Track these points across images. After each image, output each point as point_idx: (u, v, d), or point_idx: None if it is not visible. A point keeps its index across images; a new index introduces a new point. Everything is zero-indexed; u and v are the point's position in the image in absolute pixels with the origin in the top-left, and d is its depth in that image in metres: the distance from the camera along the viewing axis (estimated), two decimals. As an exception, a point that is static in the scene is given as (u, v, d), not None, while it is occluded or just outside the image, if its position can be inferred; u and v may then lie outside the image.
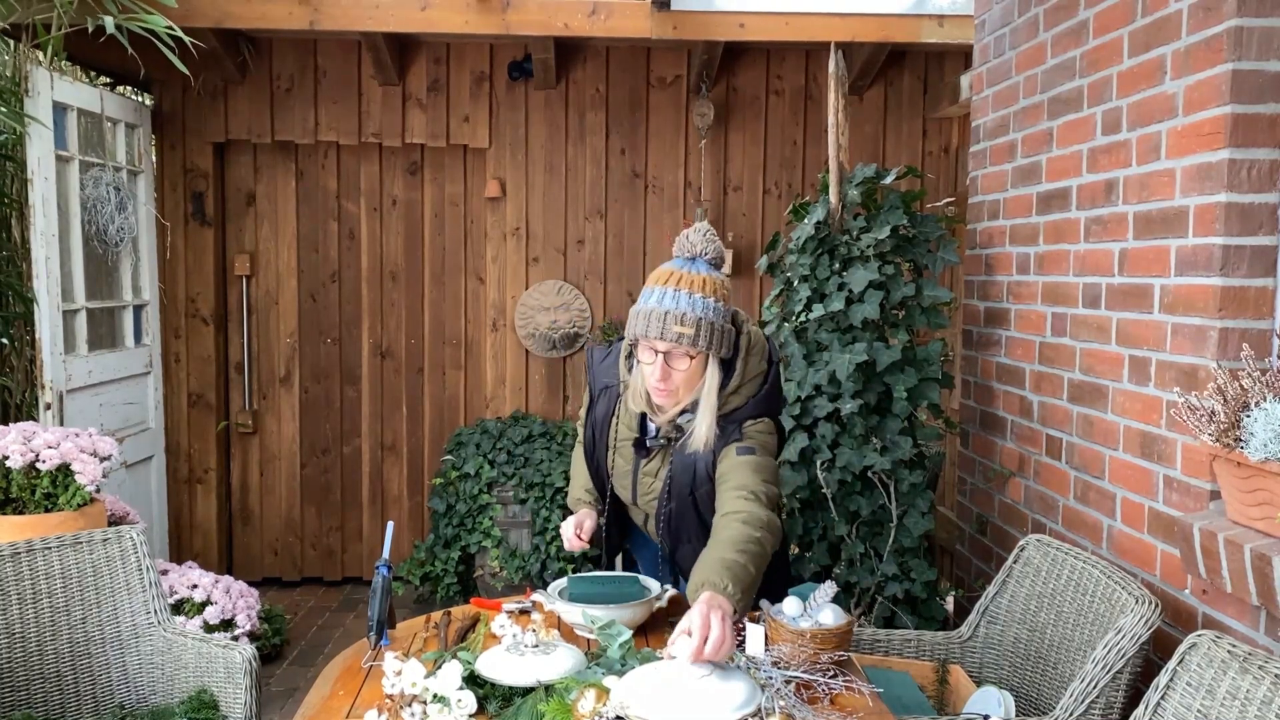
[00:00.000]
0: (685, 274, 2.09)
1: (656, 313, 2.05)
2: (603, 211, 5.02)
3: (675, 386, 2.11)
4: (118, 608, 2.49)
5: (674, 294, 2.06)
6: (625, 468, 2.33)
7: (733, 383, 2.15)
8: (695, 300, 2.05)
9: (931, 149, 5.03)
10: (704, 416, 2.12)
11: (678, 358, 2.07)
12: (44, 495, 3.11)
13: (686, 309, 2.04)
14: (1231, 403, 1.93)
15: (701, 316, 2.04)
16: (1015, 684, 2.47)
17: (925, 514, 3.06)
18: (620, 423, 2.30)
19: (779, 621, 1.91)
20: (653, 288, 2.10)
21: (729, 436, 2.14)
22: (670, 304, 2.05)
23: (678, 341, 2.04)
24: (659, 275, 2.12)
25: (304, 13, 4.14)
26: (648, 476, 2.30)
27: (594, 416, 2.36)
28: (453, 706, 1.69)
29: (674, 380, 2.09)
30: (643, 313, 2.08)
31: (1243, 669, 1.65)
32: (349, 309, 5.15)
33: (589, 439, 2.38)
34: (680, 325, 2.03)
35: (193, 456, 5.01)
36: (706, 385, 2.11)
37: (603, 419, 2.32)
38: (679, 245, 2.15)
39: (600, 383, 2.34)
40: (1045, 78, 2.87)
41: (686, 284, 2.07)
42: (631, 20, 4.19)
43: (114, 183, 4.25)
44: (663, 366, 2.08)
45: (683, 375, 2.09)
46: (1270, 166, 2.06)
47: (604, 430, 2.33)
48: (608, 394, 2.31)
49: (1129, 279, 2.43)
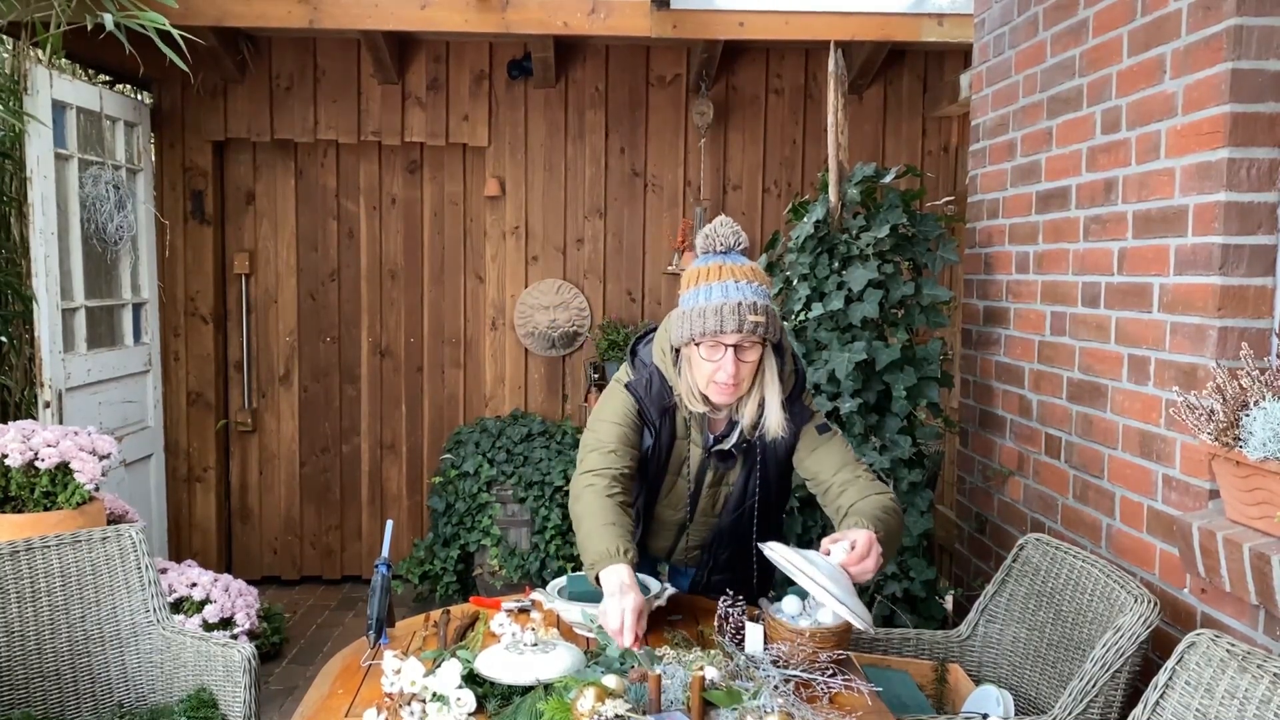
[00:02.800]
0: (733, 266, 2.04)
1: (727, 305, 1.98)
2: (602, 210, 5.02)
3: (743, 378, 2.06)
4: (117, 606, 2.49)
5: (736, 285, 2.00)
6: (686, 487, 2.26)
7: (787, 365, 2.17)
8: (756, 289, 2.02)
9: (931, 148, 5.03)
10: (773, 403, 2.10)
11: (747, 349, 2.03)
12: (43, 494, 3.10)
13: (755, 297, 2.00)
14: (1230, 402, 1.93)
15: (768, 304, 2.03)
16: (1014, 683, 2.47)
17: (924, 513, 3.06)
18: (688, 441, 2.22)
19: (778, 620, 1.91)
20: (703, 285, 2.03)
21: (797, 416, 2.17)
22: (737, 295, 1.99)
23: (754, 331, 1.99)
24: (705, 272, 2.04)
25: (303, 11, 4.14)
26: (712, 488, 2.26)
27: (660, 447, 2.20)
28: (452, 705, 1.69)
29: (742, 372, 2.04)
30: (708, 310, 2.00)
31: (1241, 668, 1.65)
32: (348, 308, 5.15)
33: (653, 473, 2.22)
34: (754, 314, 1.98)
35: (192, 455, 5.01)
36: (769, 373, 2.09)
37: (668, 441, 2.20)
38: (707, 241, 2.09)
39: (658, 407, 2.17)
40: (1045, 77, 2.87)
41: (743, 275, 2.02)
42: (631, 19, 4.18)
43: (113, 181, 4.24)
44: (734, 360, 2.02)
45: (749, 367, 2.05)
46: (1269, 166, 2.06)
47: (667, 455, 2.22)
48: (669, 415, 2.18)
49: (1128, 278, 2.43)
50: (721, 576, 2.37)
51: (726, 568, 2.37)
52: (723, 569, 2.37)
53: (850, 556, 1.86)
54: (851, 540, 1.88)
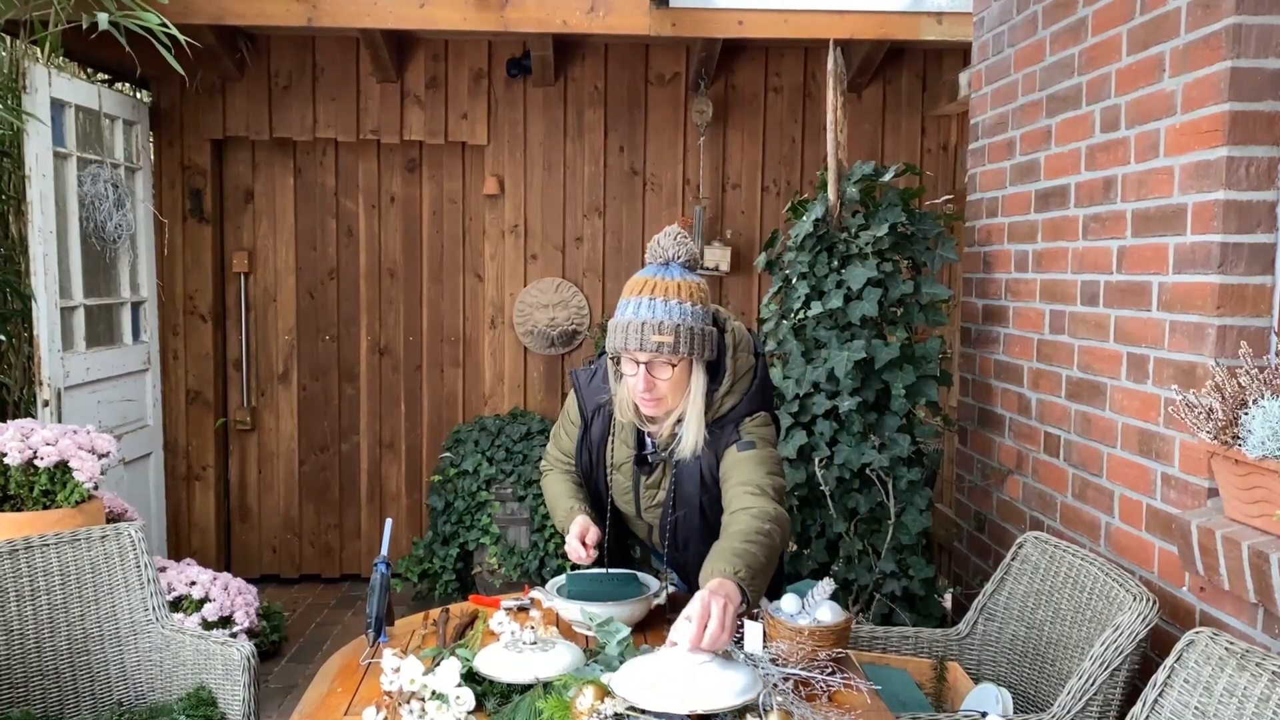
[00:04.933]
0: (660, 281, 2.06)
1: (634, 324, 2.02)
2: (601, 209, 5.02)
3: (661, 395, 2.08)
4: (116, 605, 2.49)
5: (649, 303, 2.03)
6: (626, 484, 2.31)
7: (724, 384, 2.13)
8: (672, 307, 2.03)
9: (930, 146, 5.03)
10: (691, 423, 2.10)
11: (660, 367, 2.05)
12: (42, 492, 3.10)
13: (664, 317, 2.01)
14: (1229, 400, 1.93)
15: (680, 323, 2.02)
16: (1013, 681, 2.47)
17: (923, 511, 3.06)
18: (617, 440, 2.27)
19: (777, 619, 1.91)
20: (628, 299, 2.07)
21: (728, 438, 2.13)
22: (647, 314, 2.02)
23: (658, 351, 2.01)
24: (633, 285, 2.09)
25: (302, 10, 4.14)
26: (650, 489, 2.28)
27: (590, 440, 2.31)
28: (451, 703, 1.69)
29: (659, 389, 2.07)
30: (620, 325, 2.05)
31: (1240, 666, 1.66)
32: (347, 306, 5.14)
33: (586, 463, 2.32)
34: (659, 334, 2.00)
35: (191, 454, 5.01)
36: (693, 392, 2.09)
37: (599, 440, 2.29)
38: (651, 252, 2.13)
39: (592, 404, 2.28)
40: (1044, 75, 2.87)
41: (661, 291, 2.04)
42: (630, 17, 4.18)
43: (112, 180, 4.24)
44: (646, 377, 2.05)
45: (667, 384, 2.07)
46: (1268, 164, 2.06)
47: (601, 451, 2.30)
48: (601, 414, 2.28)
49: (1127, 276, 2.43)
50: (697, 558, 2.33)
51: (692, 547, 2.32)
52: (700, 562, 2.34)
53: (693, 635, 1.61)
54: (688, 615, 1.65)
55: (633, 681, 1.58)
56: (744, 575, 1.75)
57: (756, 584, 1.78)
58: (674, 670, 1.59)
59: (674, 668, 1.59)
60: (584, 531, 2.19)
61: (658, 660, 1.65)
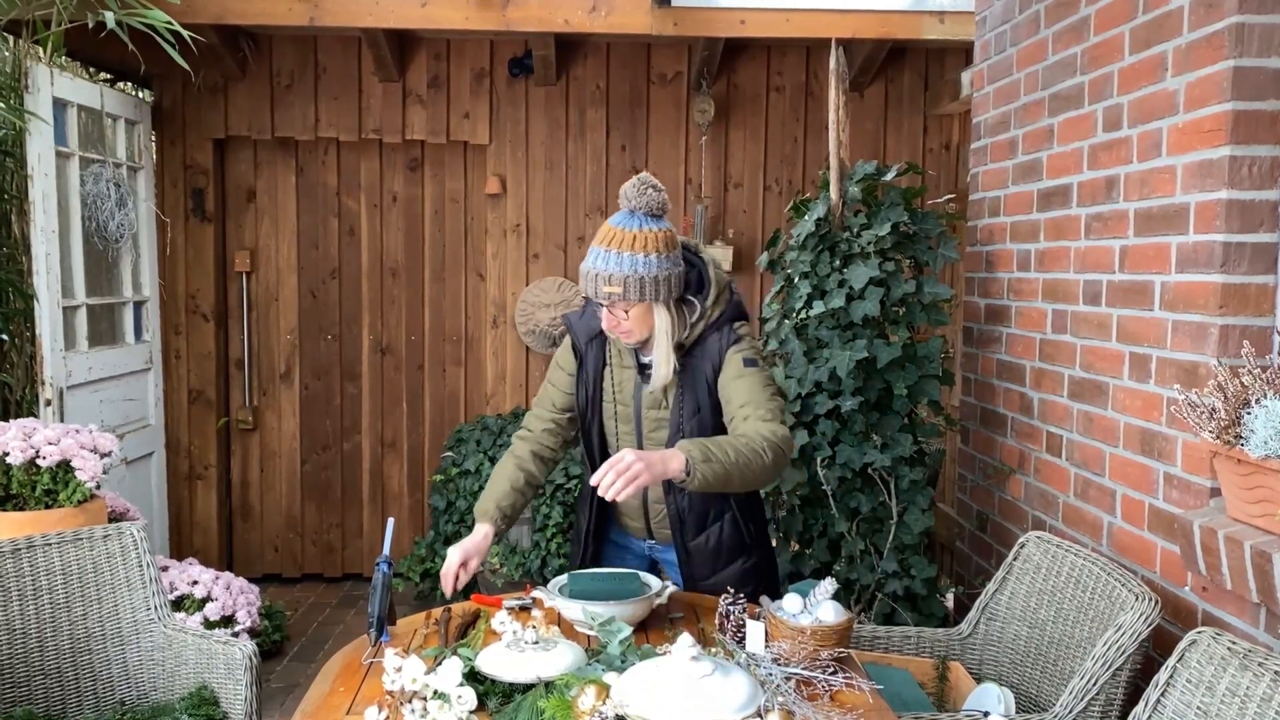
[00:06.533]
0: (620, 232, 2.19)
1: (589, 274, 2.18)
2: (603, 208, 5.02)
3: (627, 330, 2.23)
4: (118, 604, 2.49)
5: (605, 254, 2.17)
6: (628, 413, 2.36)
7: (711, 294, 2.27)
8: (624, 259, 2.16)
9: (932, 146, 5.03)
10: (659, 352, 2.24)
11: (618, 309, 2.21)
12: (44, 492, 3.11)
13: (614, 269, 2.15)
14: (1232, 400, 1.93)
15: (629, 274, 2.15)
16: (1015, 681, 2.47)
17: (925, 511, 3.06)
18: (614, 365, 2.37)
19: (779, 618, 1.91)
20: (592, 247, 2.22)
21: (725, 339, 2.28)
22: (601, 265, 2.17)
23: (609, 299, 2.18)
24: (599, 234, 2.22)
25: (304, 9, 4.14)
26: (652, 409, 2.33)
27: (586, 373, 2.39)
28: (453, 703, 1.69)
29: (623, 326, 2.22)
30: (582, 273, 2.22)
31: (1243, 666, 1.66)
32: (349, 305, 5.15)
33: (583, 400, 2.40)
34: (609, 285, 2.16)
35: (193, 453, 5.01)
36: (658, 328, 2.23)
37: (595, 369, 2.38)
38: (621, 199, 2.25)
39: (585, 334, 2.39)
40: (1046, 74, 2.87)
41: (618, 243, 2.17)
42: (632, 16, 4.18)
43: (114, 179, 4.24)
44: (609, 316, 2.22)
45: (631, 321, 2.21)
46: (1271, 163, 2.06)
47: (598, 380, 2.38)
48: (596, 342, 2.38)
49: (1129, 276, 2.43)
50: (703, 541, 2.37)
51: (700, 526, 2.37)
52: (700, 525, 2.37)
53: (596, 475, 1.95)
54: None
55: (637, 690, 1.57)
56: (696, 455, 1.98)
57: (707, 468, 1.99)
58: (674, 681, 1.58)
59: (674, 678, 1.59)
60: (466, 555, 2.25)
61: (659, 669, 1.64)
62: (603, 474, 1.95)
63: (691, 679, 1.56)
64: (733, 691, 1.56)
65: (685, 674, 1.57)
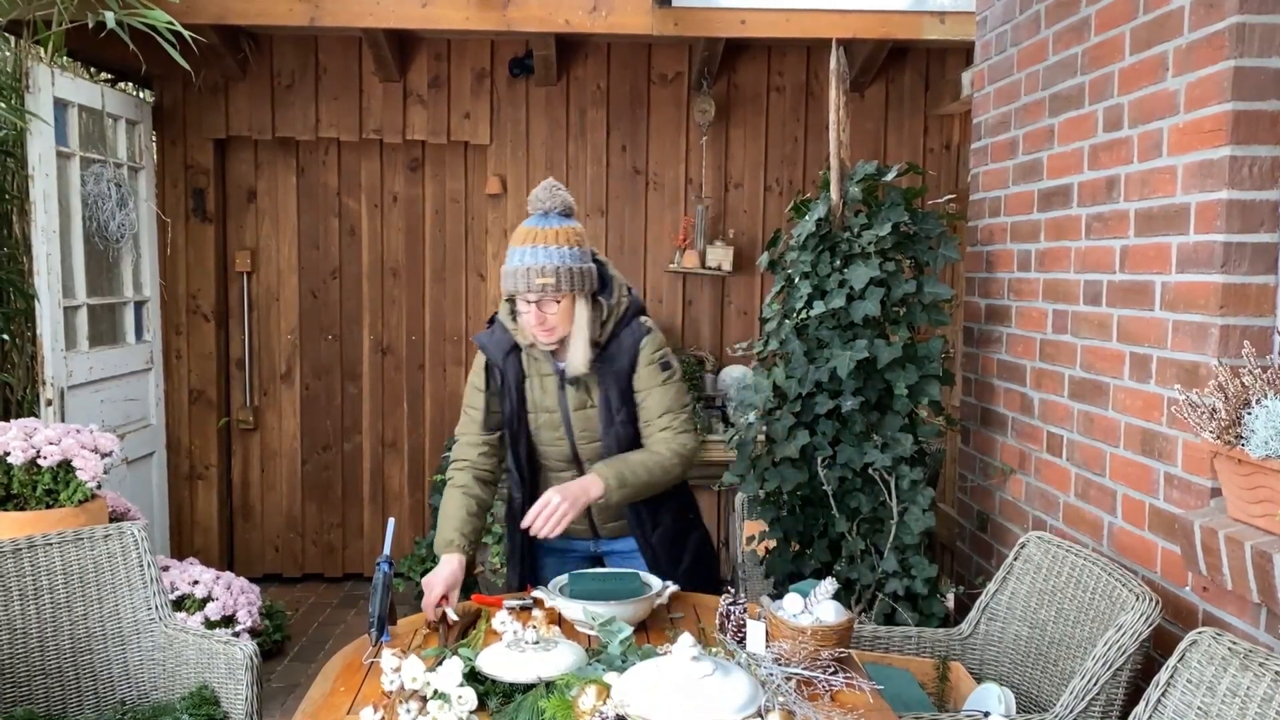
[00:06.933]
0: (540, 229, 2.33)
1: (520, 270, 2.29)
2: (604, 208, 5.02)
3: (553, 326, 2.34)
4: (119, 604, 2.49)
5: (532, 250, 2.30)
6: (555, 419, 2.46)
7: (615, 293, 2.43)
8: (550, 251, 2.30)
9: (933, 146, 5.03)
10: (578, 345, 2.36)
11: (547, 303, 2.32)
12: (45, 491, 3.11)
13: (545, 261, 2.29)
14: (1232, 400, 1.93)
15: (559, 265, 2.29)
16: (1016, 681, 2.47)
17: (926, 511, 3.05)
18: (532, 376, 2.47)
19: (779, 618, 1.91)
20: (514, 248, 2.34)
21: (636, 332, 2.43)
22: (530, 260, 2.29)
23: (543, 291, 2.29)
24: (518, 235, 2.35)
25: (304, 9, 4.14)
26: (580, 410, 2.44)
27: (508, 385, 2.47)
28: (453, 703, 1.69)
29: (549, 322, 2.34)
30: (509, 272, 2.33)
31: (1243, 666, 1.66)
32: (350, 305, 5.15)
33: (509, 411, 2.48)
34: (542, 276, 2.28)
35: (194, 453, 5.01)
36: (578, 320, 2.36)
37: (516, 383, 2.48)
38: (531, 204, 2.39)
39: (500, 351, 2.48)
40: (1046, 74, 2.87)
41: (542, 239, 2.32)
42: (632, 17, 4.18)
43: (115, 179, 4.25)
44: (537, 313, 2.33)
45: (556, 316, 2.33)
46: (1272, 163, 2.06)
47: (519, 391, 2.48)
48: (512, 357, 2.47)
49: (1130, 276, 2.43)
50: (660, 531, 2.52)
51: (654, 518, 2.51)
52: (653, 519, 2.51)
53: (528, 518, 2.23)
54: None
55: (638, 691, 1.57)
56: (613, 483, 2.28)
57: (622, 493, 2.31)
58: (675, 681, 1.58)
59: (675, 678, 1.59)
60: (448, 588, 2.23)
61: (659, 669, 1.63)
62: (532, 519, 2.18)
63: (692, 679, 1.56)
64: (733, 691, 1.56)
65: (686, 674, 1.57)
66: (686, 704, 1.52)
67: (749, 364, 4.75)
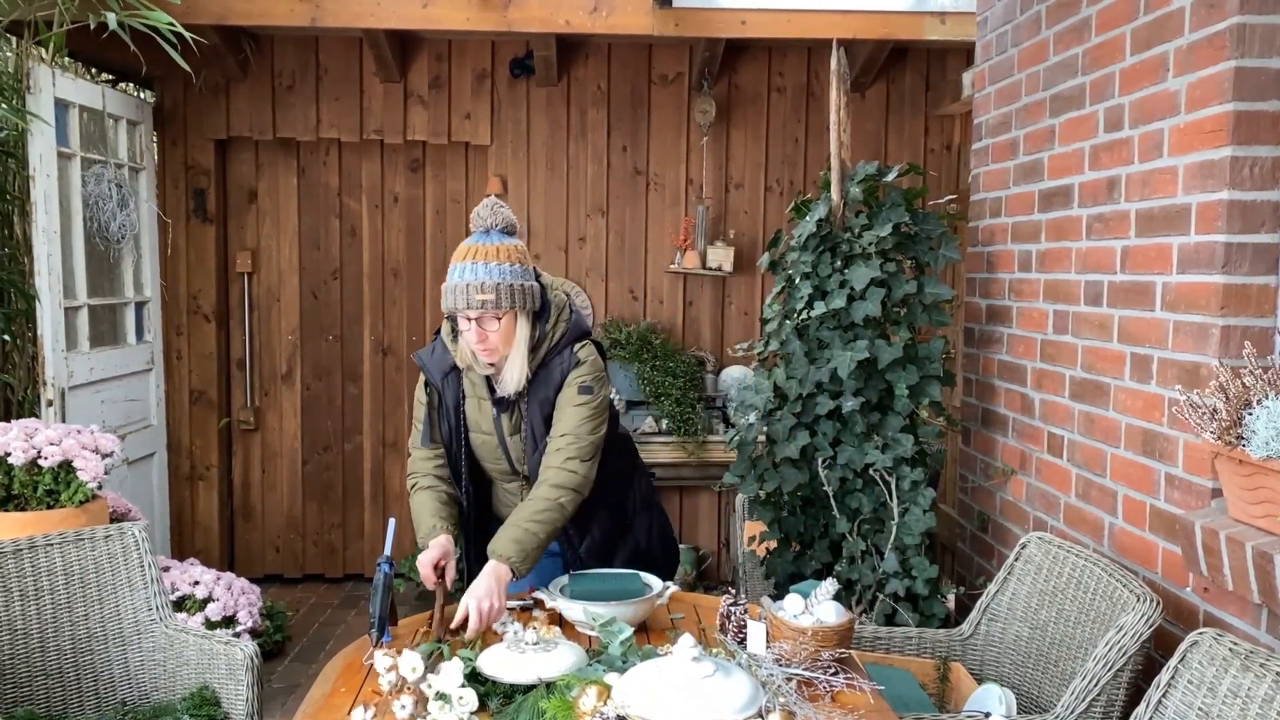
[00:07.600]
0: (481, 246, 2.31)
1: (460, 286, 2.26)
2: (604, 209, 5.02)
3: (493, 346, 2.31)
4: (120, 604, 2.49)
5: (473, 266, 2.28)
6: (492, 440, 2.44)
7: (552, 316, 2.38)
8: (491, 268, 2.27)
9: (933, 146, 5.03)
10: (514, 361, 2.33)
11: (488, 320, 2.28)
12: (46, 492, 3.11)
13: (485, 277, 2.26)
14: (1233, 400, 1.93)
15: (499, 282, 2.26)
16: (1016, 681, 2.47)
17: (926, 511, 3.05)
18: (471, 397, 2.44)
19: (780, 619, 1.91)
20: (455, 265, 2.31)
21: (566, 363, 2.38)
22: (471, 276, 2.26)
23: (483, 308, 2.26)
24: (459, 252, 2.33)
25: (305, 10, 4.14)
26: (515, 434, 2.42)
27: (445, 406, 2.45)
28: (454, 704, 1.69)
29: (490, 341, 2.30)
30: (450, 289, 2.29)
31: (1244, 667, 1.66)
32: (350, 306, 5.15)
33: (446, 432, 2.46)
34: (481, 293, 2.25)
35: (194, 453, 5.01)
36: (517, 336, 2.32)
37: (454, 402, 2.45)
38: (473, 222, 2.36)
39: (439, 371, 2.45)
40: (1047, 75, 2.87)
41: (483, 256, 2.29)
42: (633, 17, 4.18)
43: (116, 179, 4.25)
44: (478, 330, 2.29)
45: (497, 335, 2.30)
46: (1272, 164, 2.06)
47: (458, 412, 2.45)
48: (451, 377, 2.45)
49: (1131, 276, 2.43)
50: (593, 541, 2.51)
51: (587, 527, 2.49)
52: (581, 533, 2.49)
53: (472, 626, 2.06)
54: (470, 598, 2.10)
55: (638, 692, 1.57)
56: (516, 560, 2.16)
57: (526, 563, 2.20)
58: (675, 682, 1.58)
59: (676, 679, 1.58)
60: (441, 558, 2.25)
61: (660, 670, 1.63)
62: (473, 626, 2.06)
63: (693, 680, 1.56)
64: (734, 692, 1.56)
65: (686, 675, 1.57)
66: (687, 705, 1.52)
67: (749, 364, 4.75)
